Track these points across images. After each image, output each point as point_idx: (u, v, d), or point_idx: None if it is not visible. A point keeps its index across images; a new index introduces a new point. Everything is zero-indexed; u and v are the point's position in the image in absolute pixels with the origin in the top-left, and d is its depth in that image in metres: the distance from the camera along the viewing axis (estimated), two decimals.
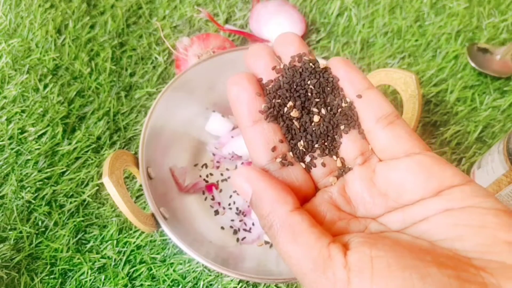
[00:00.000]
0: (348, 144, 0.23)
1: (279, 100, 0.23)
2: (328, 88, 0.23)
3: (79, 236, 0.45)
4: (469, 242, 0.18)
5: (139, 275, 0.43)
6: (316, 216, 0.21)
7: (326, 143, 0.23)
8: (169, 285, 0.42)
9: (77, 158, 0.48)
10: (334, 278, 0.18)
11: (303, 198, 0.22)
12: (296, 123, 0.23)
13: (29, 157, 0.47)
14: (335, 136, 0.23)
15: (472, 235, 0.18)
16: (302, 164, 0.23)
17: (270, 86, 0.23)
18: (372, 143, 0.23)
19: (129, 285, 0.42)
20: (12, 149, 0.48)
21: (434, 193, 0.20)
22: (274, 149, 0.22)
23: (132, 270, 0.43)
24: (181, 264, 0.43)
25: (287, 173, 0.22)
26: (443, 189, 0.20)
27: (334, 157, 0.23)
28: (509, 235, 0.18)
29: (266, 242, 0.45)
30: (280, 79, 0.23)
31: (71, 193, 0.46)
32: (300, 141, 0.23)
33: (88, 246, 0.44)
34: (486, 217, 0.18)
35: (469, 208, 0.19)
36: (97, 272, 0.43)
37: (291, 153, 0.23)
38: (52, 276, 0.43)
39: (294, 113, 0.23)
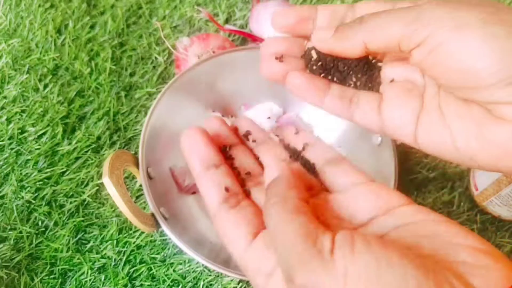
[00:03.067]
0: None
1: None
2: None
3: (79, 236, 0.45)
4: (428, 250, 0.19)
5: (139, 275, 0.43)
6: None
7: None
8: (169, 285, 0.42)
9: (77, 158, 0.48)
10: (322, 248, 0.18)
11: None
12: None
13: (29, 157, 0.47)
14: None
15: (430, 244, 0.19)
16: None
17: None
18: (323, 179, 0.26)
19: (129, 285, 0.42)
20: (12, 149, 0.48)
21: (384, 212, 0.22)
22: (226, 189, 0.24)
23: (132, 270, 0.43)
24: (181, 264, 0.43)
25: (239, 211, 0.23)
26: (391, 208, 0.22)
27: None
28: (465, 240, 0.19)
29: None
30: None
31: (71, 193, 0.46)
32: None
33: (88, 246, 0.44)
34: (439, 227, 0.20)
35: (420, 222, 0.21)
36: (97, 272, 0.43)
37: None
38: (52, 276, 0.43)
39: None
